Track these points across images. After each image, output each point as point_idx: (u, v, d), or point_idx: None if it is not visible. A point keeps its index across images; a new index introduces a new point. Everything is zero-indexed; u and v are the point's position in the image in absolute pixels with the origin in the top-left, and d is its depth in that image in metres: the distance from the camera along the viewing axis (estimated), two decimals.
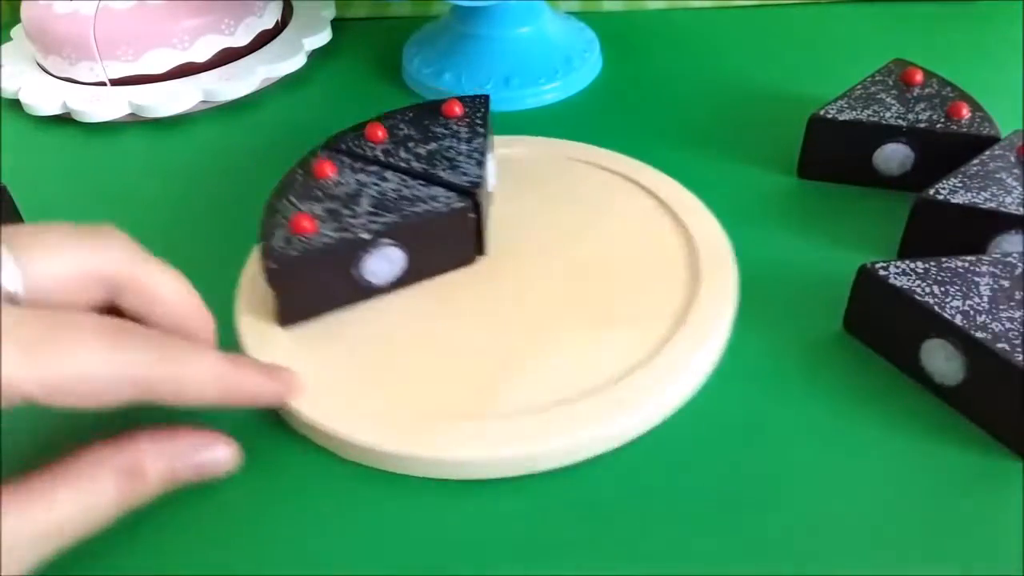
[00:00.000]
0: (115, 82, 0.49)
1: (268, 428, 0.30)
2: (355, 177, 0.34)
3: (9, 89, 0.50)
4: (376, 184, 0.34)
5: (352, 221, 0.32)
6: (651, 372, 0.30)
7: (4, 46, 0.54)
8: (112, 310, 0.26)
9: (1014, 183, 0.33)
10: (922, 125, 0.37)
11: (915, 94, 0.39)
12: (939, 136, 0.37)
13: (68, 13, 0.48)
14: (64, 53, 0.49)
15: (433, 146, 0.36)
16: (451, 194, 0.33)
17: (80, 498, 0.23)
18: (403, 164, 0.35)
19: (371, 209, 0.32)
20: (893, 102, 0.39)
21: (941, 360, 0.29)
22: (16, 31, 0.55)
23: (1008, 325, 0.27)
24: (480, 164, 0.35)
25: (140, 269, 0.26)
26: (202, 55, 0.50)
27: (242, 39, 0.51)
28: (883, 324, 0.31)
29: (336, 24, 0.55)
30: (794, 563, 0.25)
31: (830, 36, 0.53)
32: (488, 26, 0.49)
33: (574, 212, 0.38)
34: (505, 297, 0.33)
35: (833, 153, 0.39)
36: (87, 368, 0.22)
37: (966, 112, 0.37)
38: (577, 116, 0.47)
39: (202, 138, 0.47)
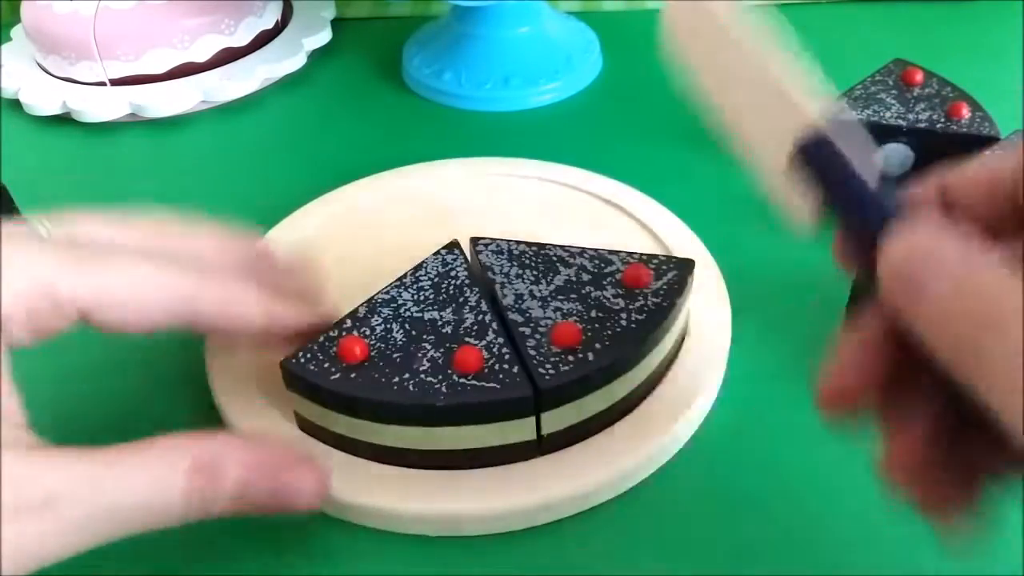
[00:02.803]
0: (115, 82, 0.49)
1: None
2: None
3: (9, 89, 0.50)
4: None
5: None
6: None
7: (4, 46, 0.54)
8: None
9: None
10: (922, 125, 0.37)
11: (915, 94, 0.39)
12: (939, 136, 0.37)
13: (68, 13, 0.48)
14: (64, 53, 0.49)
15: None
16: None
17: (151, 479, 0.21)
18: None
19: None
20: (893, 102, 0.39)
21: None
22: (16, 31, 0.55)
23: None
24: None
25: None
26: (202, 55, 0.50)
27: (242, 39, 0.51)
28: None
29: (336, 24, 0.55)
30: (802, 553, 0.25)
31: (830, 36, 0.53)
32: (488, 26, 0.49)
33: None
34: None
35: None
36: (137, 279, 0.23)
37: (966, 112, 0.37)
38: (577, 116, 0.47)
39: (202, 138, 0.47)
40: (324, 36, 0.53)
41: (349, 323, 0.28)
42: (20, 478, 0.19)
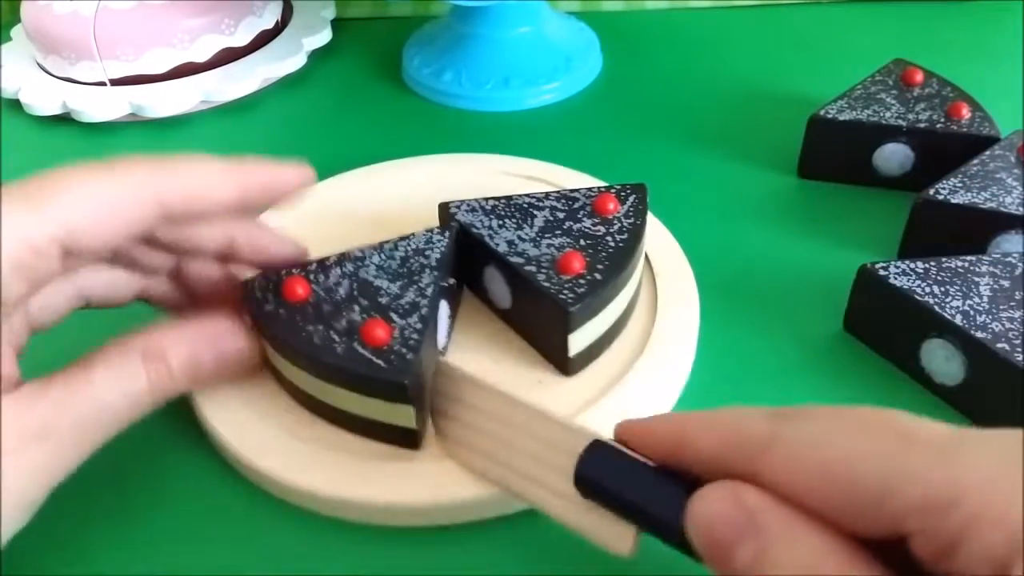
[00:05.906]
0: (115, 82, 0.49)
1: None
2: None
3: (9, 89, 0.50)
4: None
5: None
6: (621, 396, 0.29)
7: (4, 46, 0.54)
8: None
9: (1014, 183, 0.33)
10: (922, 125, 0.37)
11: (915, 94, 0.39)
12: (939, 136, 0.37)
13: (68, 13, 0.48)
14: (64, 53, 0.49)
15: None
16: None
17: (115, 380, 0.24)
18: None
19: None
20: (893, 102, 0.39)
21: (941, 360, 0.29)
22: (16, 31, 0.55)
23: (1008, 325, 0.27)
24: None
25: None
26: (202, 55, 0.50)
27: (242, 39, 0.51)
28: (883, 324, 0.31)
29: (336, 24, 0.55)
30: None
31: (830, 36, 0.53)
32: (488, 26, 0.49)
33: None
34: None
35: (833, 153, 0.39)
36: (95, 197, 0.23)
37: (966, 112, 0.37)
38: (577, 116, 0.47)
39: (202, 138, 0.47)
40: (324, 36, 0.53)
41: (314, 266, 0.29)
42: (13, 417, 0.22)
